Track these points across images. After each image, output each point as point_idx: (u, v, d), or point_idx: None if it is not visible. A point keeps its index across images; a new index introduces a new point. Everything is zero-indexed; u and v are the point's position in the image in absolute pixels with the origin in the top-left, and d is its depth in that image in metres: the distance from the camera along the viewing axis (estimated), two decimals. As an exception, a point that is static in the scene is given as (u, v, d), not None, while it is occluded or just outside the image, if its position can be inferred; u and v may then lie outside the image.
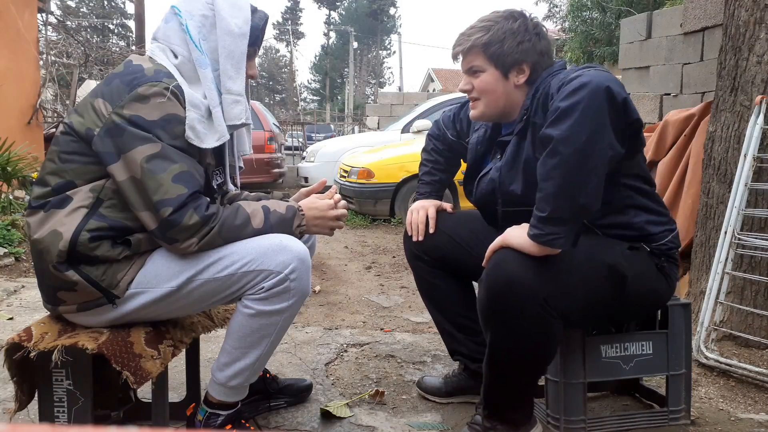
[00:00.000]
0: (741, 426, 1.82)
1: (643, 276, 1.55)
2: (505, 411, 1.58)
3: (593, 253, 1.51)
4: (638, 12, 6.94)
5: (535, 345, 1.47)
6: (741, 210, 2.33)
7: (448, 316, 1.94)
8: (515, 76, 1.62)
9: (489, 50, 1.60)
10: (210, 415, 1.62)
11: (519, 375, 1.53)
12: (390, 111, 12.87)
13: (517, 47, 1.59)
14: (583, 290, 1.48)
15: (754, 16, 2.38)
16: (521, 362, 1.51)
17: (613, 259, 1.51)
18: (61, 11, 19.83)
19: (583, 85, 1.33)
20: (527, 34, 1.60)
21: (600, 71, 1.41)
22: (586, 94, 1.32)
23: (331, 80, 45.97)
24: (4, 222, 4.07)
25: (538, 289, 1.40)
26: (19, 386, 1.46)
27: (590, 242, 1.53)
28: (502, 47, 1.60)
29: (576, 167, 1.33)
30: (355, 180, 6.15)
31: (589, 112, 1.31)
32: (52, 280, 1.44)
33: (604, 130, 1.33)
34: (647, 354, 1.74)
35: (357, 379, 2.13)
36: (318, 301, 3.20)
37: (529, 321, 1.42)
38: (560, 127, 1.33)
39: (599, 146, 1.33)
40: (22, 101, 6.31)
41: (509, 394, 1.57)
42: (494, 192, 1.66)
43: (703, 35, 3.79)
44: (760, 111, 2.34)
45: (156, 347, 1.45)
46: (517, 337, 1.45)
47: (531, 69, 1.61)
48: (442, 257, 1.88)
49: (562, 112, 1.34)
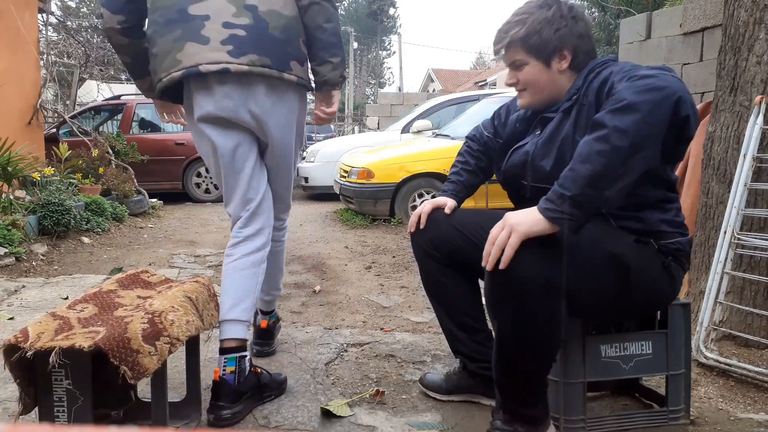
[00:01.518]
0: (740, 426, 1.82)
1: (647, 270, 1.54)
2: (523, 409, 1.56)
3: (598, 241, 1.50)
4: (638, 12, 6.93)
5: (540, 328, 1.45)
6: (740, 210, 2.33)
7: (452, 314, 1.93)
8: (558, 63, 1.64)
9: (528, 43, 1.63)
10: (239, 359, 1.82)
11: (529, 363, 1.51)
12: (390, 111, 12.89)
13: (555, 34, 1.61)
14: (585, 276, 1.47)
15: (753, 16, 2.38)
16: (529, 348, 1.48)
17: (619, 249, 1.50)
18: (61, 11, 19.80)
19: (658, 87, 1.32)
20: (563, 19, 1.61)
21: (676, 78, 1.39)
22: (659, 97, 1.31)
23: (331, 80, 45.86)
24: (4, 222, 4.07)
25: (538, 270, 1.39)
26: (24, 389, 1.46)
27: (597, 229, 1.52)
28: (540, 37, 1.61)
29: (620, 162, 1.32)
30: (355, 180, 6.15)
31: (654, 115, 1.31)
32: None
33: (658, 138, 1.33)
34: (647, 354, 1.74)
35: (357, 379, 2.14)
36: (318, 301, 3.20)
37: (531, 301, 1.41)
38: (622, 119, 1.31)
39: (647, 152, 1.33)
40: (22, 101, 6.31)
41: (523, 386, 1.55)
42: (525, 165, 1.67)
43: (702, 35, 3.79)
44: (759, 111, 2.34)
45: (153, 344, 1.45)
46: (521, 320, 1.44)
47: (572, 53, 1.63)
48: (451, 252, 1.86)
49: (628, 104, 1.32)
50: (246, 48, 1.78)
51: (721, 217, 2.42)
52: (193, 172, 8.23)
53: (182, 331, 1.56)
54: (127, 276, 1.88)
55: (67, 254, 4.38)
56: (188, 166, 8.19)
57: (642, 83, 1.35)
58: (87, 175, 6.21)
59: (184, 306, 1.63)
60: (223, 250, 4.61)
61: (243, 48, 1.78)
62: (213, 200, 8.21)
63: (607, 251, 1.49)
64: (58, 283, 3.49)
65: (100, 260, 4.28)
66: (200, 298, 1.75)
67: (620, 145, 1.31)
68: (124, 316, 1.56)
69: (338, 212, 6.93)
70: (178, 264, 4.19)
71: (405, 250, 4.73)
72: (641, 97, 1.32)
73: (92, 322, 1.54)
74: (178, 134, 8.23)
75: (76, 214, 4.76)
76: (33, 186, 5.01)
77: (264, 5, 1.81)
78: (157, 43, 1.84)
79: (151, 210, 6.75)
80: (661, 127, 1.32)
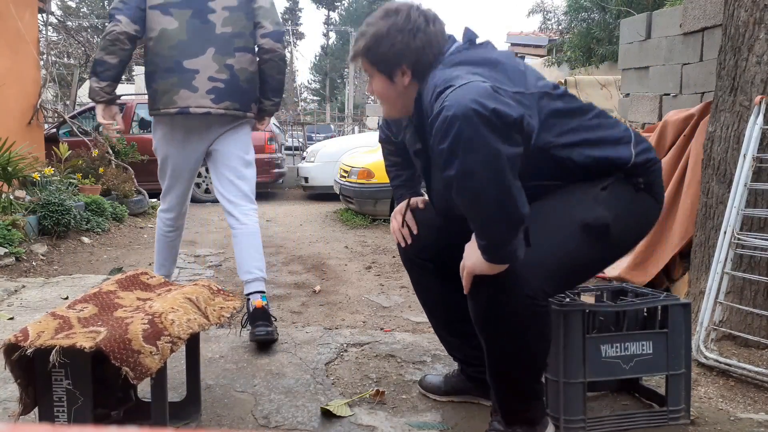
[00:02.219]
0: (740, 426, 1.82)
1: (625, 211, 1.53)
2: (520, 411, 1.57)
3: (567, 218, 1.49)
4: (638, 12, 6.94)
5: (526, 341, 1.48)
6: (740, 210, 2.33)
7: (441, 321, 1.95)
8: (400, 78, 1.57)
9: (368, 56, 1.58)
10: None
11: (520, 371, 1.53)
12: (390, 111, 12.88)
13: (390, 50, 1.53)
14: (570, 264, 1.48)
15: (753, 16, 2.38)
16: (517, 360, 1.51)
17: (590, 213, 1.49)
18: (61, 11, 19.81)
19: (451, 117, 1.28)
20: (400, 33, 1.52)
21: (461, 89, 1.32)
22: (458, 125, 1.27)
23: (331, 80, 45.95)
24: (4, 222, 4.07)
25: (519, 289, 1.41)
26: (24, 389, 1.46)
27: (561, 205, 1.51)
28: (377, 51, 1.55)
29: (487, 195, 1.31)
30: (355, 180, 6.15)
31: (470, 143, 1.27)
32: None
33: (492, 146, 1.28)
34: (647, 354, 1.74)
35: (357, 379, 2.14)
36: (318, 301, 3.20)
37: (515, 320, 1.44)
38: (453, 168, 1.30)
39: (497, 164, 1.29)
40: (22, 101, 6.31)
41: (517, 392, 1.57)
42: (449, 201, 1.62)
43: (702, 35, 3.79)
44: (759, 111, 2.34)
45: (154, 344, 1.45)
46: (506, 338, 1.47)
47: (412, 69, 1.55)
48: (435, 254, 1.86)
49: (446, 153, 1.31)
50: (224, 97, 2.48)
51: (721, 217, 2.42)
52: (193, 172, 8.22)
53: (183, 330, 1.56)
54: (127, 277, 1.88)
55: (67, 254, 4.38)
56: (188, 166, 8.18)
57: (439, 125, 1.31)
58: (87, 175, 6.21)
59: (184, 306, 1.63)
60: (223, 250, 4.63)
61: (221, 97, 2.48)
62: (213, 200, 8.20)
63: (580, 225, 1.48)
64: (58, 283, 3.49)
65: (100, 260, 4.28)
66: (201, 298, 1.75)
67: (472, 186, 1.30)
68: (124, 317, 1.56)
69: (338, 212, 6.93)
70: (177, 264, 4.18)
71: (405, 250, 4.73)
72: (448, 140, 1.29)
73: (92, 322, 1.54)
74: (178, 134, 8.22)
75: (76, 214, 4.76)
76: (33, 186, 5.01)
77: (238, 64, 2.50)
78: (157, 81, 2.49)
79: (151, 210, 6.74)
80: (485, 140, 1.27)
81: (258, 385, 2.06)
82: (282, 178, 9.22)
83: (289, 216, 6.96)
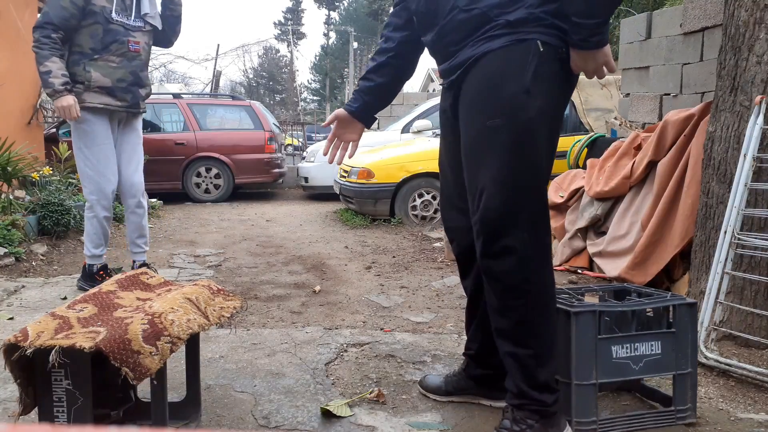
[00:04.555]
0: (741, 426, 1.82)
1: (548, 95, 1.55)
2: (535, 390, 1.58)
3: (510, 152, 1.55)
4: (638, 12, 6.93)
5: (532, 292, 1.57)
6: (741, 210, 2.33)
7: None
8: None
9: None
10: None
11: (532, 313, 1.59)
12: (390, 111, 12.86)
13: None
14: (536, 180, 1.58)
15: (753, 16, 2.38)
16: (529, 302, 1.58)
17: (525, 125, 1.53)
18: (61, 11, 19.69)
19: None
20: None
21: None
22: None
23: (331, 80, 45.94)
24: (4, 222, 4.07)
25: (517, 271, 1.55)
26: (24, 389, 1.46)
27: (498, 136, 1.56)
28: None
29: None
30: (355, 180, 6.15)
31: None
32: None
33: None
34: (656, 354, 1.74)
35: (357, 379, 2.14)
36: (318, 301, 3.20)
37: (515, 294, 1.58)
38: None
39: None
40: (22, 101, 6.31)
41: (532, 337, 1.60)
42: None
43: (702, 35, 3.79)
44: (759, 111, 2.34)
45: (154, 344, 1.45)
46: (512, 290, 1.58)
47: None
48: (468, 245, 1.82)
49: None
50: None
51: (722, 217, 2.42)
52: (192, 172, 8.23)
53: (183, 330, 1.56)
54: (126, 277, 1.88)
55: (66, 254, 4.38)
56: (188, 166, 8.18)
57: None
58: (87, 175, 6.19)
59: (183, 306, 1.63)
60: (222, 250, 4.63)
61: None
62: (213, 200, 8.21)
63: (526, 154, 1.55)
64: (57, 283, 3.49)
65: (100, 260, 4.27)
66: (201, 298, 1.75)
67: None
68: (124, 317, 1.56)
69: (338, 212, 6.93)
70: (177, 264, 4.19)
71: (405, 250, 4.73)
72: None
73: (92, 322, 1.54)
74: (178, 134, 8.23)
75: (75, 214, 4.75)
76: (33, 186, 5.01)
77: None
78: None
79: (151, 210, 6.74)
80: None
81: (258, 386, 2.06)
82: (282, 178, 9.22)
83: (289, 216, 6.96)
